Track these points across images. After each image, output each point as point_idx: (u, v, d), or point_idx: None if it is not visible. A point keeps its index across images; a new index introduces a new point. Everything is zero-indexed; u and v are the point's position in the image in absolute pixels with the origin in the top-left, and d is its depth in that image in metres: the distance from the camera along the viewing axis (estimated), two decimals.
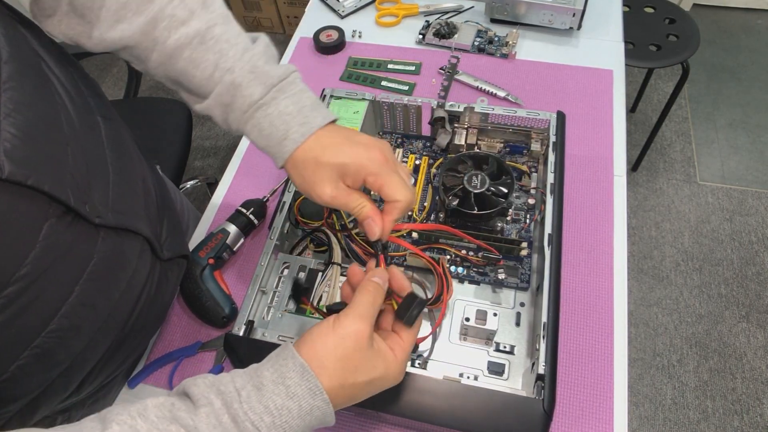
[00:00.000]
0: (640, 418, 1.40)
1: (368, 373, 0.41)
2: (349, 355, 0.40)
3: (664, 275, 1.63)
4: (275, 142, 0.47)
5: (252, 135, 0.48)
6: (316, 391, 0.38)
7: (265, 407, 0.36)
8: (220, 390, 0.36)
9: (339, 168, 0.46)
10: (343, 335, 0.41)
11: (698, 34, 1.51)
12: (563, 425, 0.57)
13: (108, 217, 0.46)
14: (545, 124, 0.69)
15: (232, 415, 0.35)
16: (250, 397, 0.36)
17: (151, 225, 0.55)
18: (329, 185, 0.46)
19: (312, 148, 0.46)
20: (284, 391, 0.37)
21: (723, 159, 1.88)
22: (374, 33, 0.99)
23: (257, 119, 0.47)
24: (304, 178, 0.47)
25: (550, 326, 0.54)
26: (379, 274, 0.46)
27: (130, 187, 0.53)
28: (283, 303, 0.62)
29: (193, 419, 0.34)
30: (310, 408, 0.38)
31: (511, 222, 0.67)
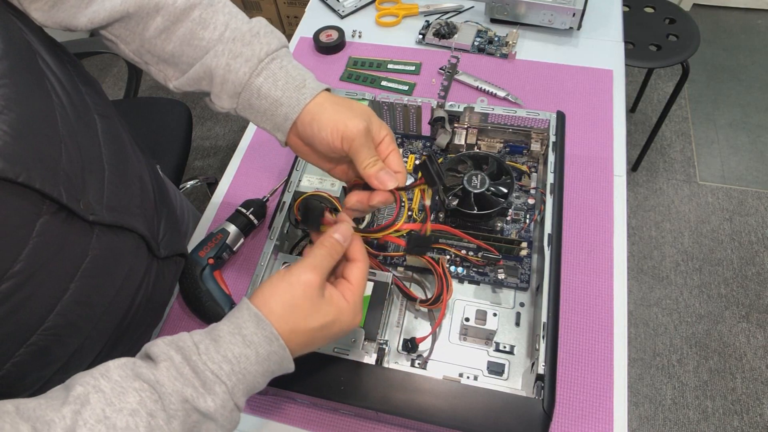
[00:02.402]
0: (640, 418, 1.40)
1: (319, 319, 0.42)
2: (298, 302, 0.41)
3: (664, 275, 1.63)
4: (291, 89, 0.46)
5: (264, 87, 0.46)
6: (272, 338, 0.39)
7: (223, 356, 0.38)
8: (179, 346, 0.38)
9: (367, 116, 0.46)
10: (292, 282, 0.41)
11: (698, 34, 1.51)
12: (563, 425, 0.57)
13: (103, 215, 0.46)
14: (545, 124, 0.69)
15: (192, 367, 0.36)
16: (208, 349, 0.38)
17: (147, 223, 0.55)
18: (364, 121, 0.45)
19: (329, 98, 0.47)
20: (241, 341, 0.39)
21: (723, 159, 1.88)
22: (374, 33, 0.99)
23: (272, 69, 0.47)
24: (338, 110, 0.45)
25: (549, 326, 0.54)
26: (342, 231, 0.46)
27: (126, 185, 0.52)
28: None
29: (155, 374, 0.36)
30: (267, 354, 0.39)
31: (511, 222, 0.67)
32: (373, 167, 0.46)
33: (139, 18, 0.47)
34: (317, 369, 0.53)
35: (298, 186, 0.65)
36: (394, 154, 0.48)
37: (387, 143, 0.47)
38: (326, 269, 0.44)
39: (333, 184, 0.64)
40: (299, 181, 0.65)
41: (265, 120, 0.48)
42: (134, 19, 0.47)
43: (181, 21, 0.47)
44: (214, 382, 0.37)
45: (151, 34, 0.48)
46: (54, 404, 0.33)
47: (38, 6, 0.46)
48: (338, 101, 0.47)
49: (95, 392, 0.34)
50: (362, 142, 0.45)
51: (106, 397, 0.33)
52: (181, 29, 0.48)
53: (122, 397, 0.34)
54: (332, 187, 0.64)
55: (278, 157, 0.83)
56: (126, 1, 0.46)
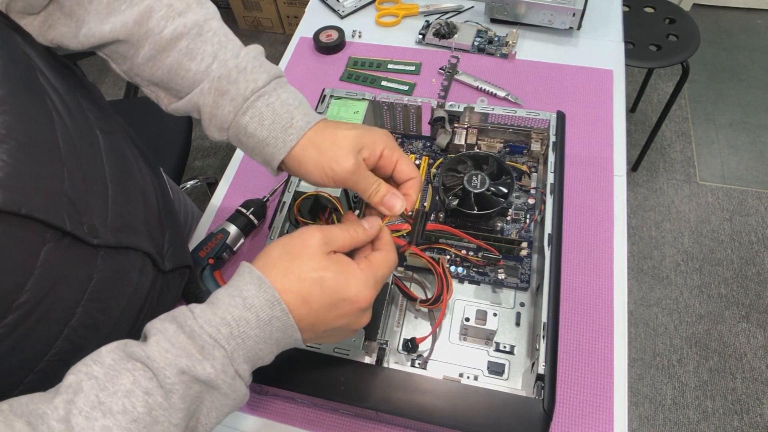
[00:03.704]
0: (640, 418, 1.40)
1: (317, 271, 0.38)
2: (297, 251, 0.39)
3: (664, 275, 1.63)
4: (278, 130, 0.45)
5: (250, 126, 0.46)
6: (274, 302, 0.37)
7: (221, 319, 0.36)
8: (173, 315, 0.36)
9: (358, 139, 0.45)
10: (295, 235, 0.40)
11: (698, 34, 1.51)
12: (563, 425, 0.57)
13: (107, 237, 0.45)
14: (545, 124, 0.69)
15: (188, 333, 0.35)
16: (204, 312, 0.36)
17: (152, 239, 0.54)
18: (351, 156, 0.44)
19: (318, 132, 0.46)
20: (241, 303, 0.37)
21: (723, 159, 1.88)
22: (374, 33, 0.99)
23: (258, 108, 0.46)
24: (322, 153, 0.44)
25: (550, 326, 0.54)
26: (372, 221, 0.44)
27: (130, 202, 0.51)
28: None
29: (145, 350, 0.34)
30: (268, 318, 0.37)
31: (511, 222, 0.67)
32: (377, 195, 0.45)
33: (129, 44, 0.47)
34: (317, 369, 0.53)
35: (298, 186, 0.65)
36: (401, 160, 0.46)
37: (388, 155, 0.46)
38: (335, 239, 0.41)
39: None
40: (299, 181, 0.65)
41: (255, 155, 0.48)
42: (124, 45, 0.47)
43: (168, 51, 0.47)
44: (213, 346, 0.35)
45: (140, 60, 0.48)
46: (47, 396, 0.32)
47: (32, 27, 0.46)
48: (323, 140, 0.45)
49: (88, 379, 0.33)
50: (355, 178, 0.44)
51: (99, 382, 0.33)
52: (169, 59, 0.47)
53: (115, 380, 0.33)
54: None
55: None
56: (116, 29, 0.46)
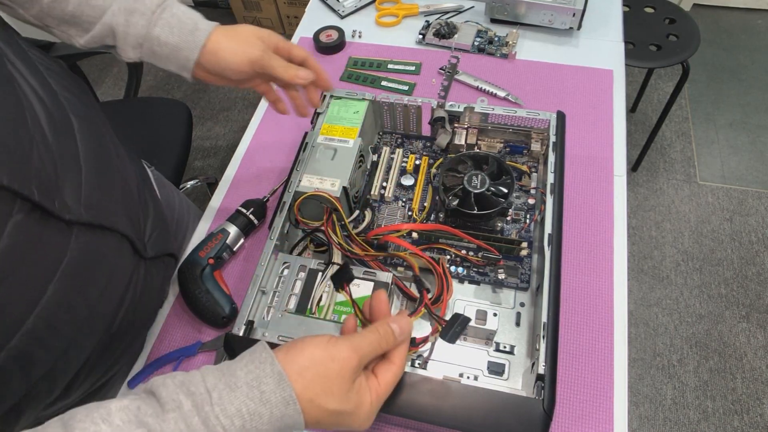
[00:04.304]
0: (640, 418, 1.40)
1: (340, 403, 0.40)
2: (331, 377, 0.40)
3: (664, 275, 1.63)
4: (186, 33, 0.53)
5: (162, 35, 0.53)
6: (290, 401, 0.37)
7: (237, 410, 0.36)
8: (190, 390, 0.36)
9: (254, 35, 0.55)
10: (333, 356, 0.40)
11: (698, 34, 1.51)
12: (563, 425, 0.57)
13: (80, 213, 0.45)
14: (545, 124, 0.69)
15: (203, 418, 0.35)
16: (222, 398, 0.36)
17: (131, 223, 0.54)
18: (258, 42, 0.55)
19: (220, 32, 0.55)
20: (258, 396, 0.37)
21: (723, 159, 1.88)
22: (374, 33, 0.99)
23: (165, 18, 0.53)
24: (235, 42, 0.54)
25: (550, 326, 0.54)
26: (402, 324, 0.46)
27: (107, 185, 0.51)
28: (283, 303, 0.62)
29: (161, 425, 0.34)
30: (281, 416, 0.37)
31: (511, 222, 0.67)
32: (291, 69, 0.56)
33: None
34: None
35: (298, 186, 0.65)
36: (293, 47, 0.58)
37: (282, 45, 0.57)
38: (368, 357, 0.43)
39: (333, 184, 0.64)
40: (299, 181, 0.65)
41: (169, 63, 0.55)
42: None
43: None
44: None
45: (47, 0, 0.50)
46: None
47: None
48: (229, 35, 0.55)
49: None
50: (268, 57, 0.55)
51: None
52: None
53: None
54: (332, 187, 0.64)
55: (278, 157, 0.83)
56: None
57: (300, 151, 0.69)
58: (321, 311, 0.60)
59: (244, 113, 2.15)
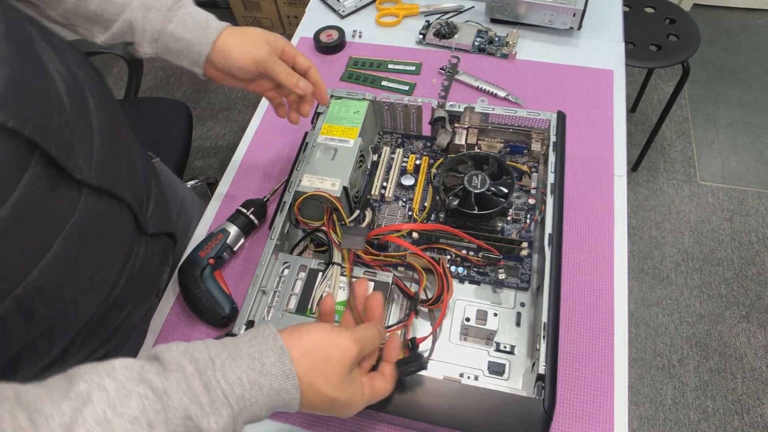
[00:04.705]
0: (640, 418, 1.40)
1: (336, 390, 0.41)
2: (332, 363, 0.41)
3: (665, 275, 1.63)
4: (199, 30, 0.56)
5: (176, 31, 0.56)
6: (289, 375, 0.39)
7: (238, 378, 0.37)
8: (194, 356, 0.37)
9: (262, 38, 0.57)
10: (337, 343, 0.42)
11: (698, 34, 1.51)
12: (563, 425, 0.57)
13: (91, 177, 0.47)
14: (545, 124, 0.69)
15: (204, 382, 0.36)
16: (224, 366, 0.37)
17: (135, 196, 0.56)
18: (264, 45, 0.57)
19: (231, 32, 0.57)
20: (259, 368, 0.38)
21: (723, 159, 1.88)
22: (374, 33, 0.99)
23: (180, 15, 0.56)
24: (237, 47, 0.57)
25: (550, 326, 0.54)
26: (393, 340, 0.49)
27: (116, 160, 0.53)
28: (284, 303, 0.62)
29: (163, 383, 0.35)
30: (279, 389, 0.38)
31: (512, 222, 0.67)
32: (293, 77, 0.58)
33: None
34: None
35: (298, 186, 0.65)
36: (299, 55, 0.60)
37: (288, 50, 0.59)
38: (366, 351, 0.44)
39: (333, 184, 0.64)
40: (299, 181, 0.65)
41: (183, 59, 0.58)
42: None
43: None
44: (223, 403, 0.36)
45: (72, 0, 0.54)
46: (54, 397, 0.32)
47: None
48: (238, 35, 0.57)
49: (98, 390, 0.33)
50: (272, 61, 0.57)
51: (109, 397, 0.33)
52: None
53: (125, 401, 0.33)
54: (332, 187, 0.64)
55: (278, 157, 0.83)
56: None
57: (300, 151, 0.69)
58: None
59: (244, 113, 2.15)
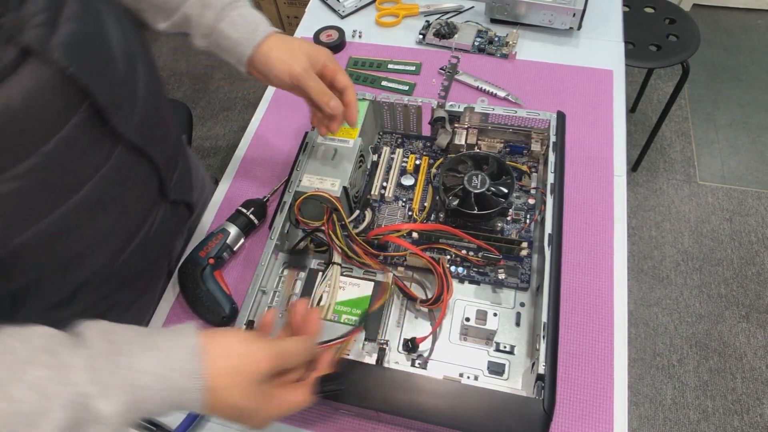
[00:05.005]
0: (640, 418, 1.40)
1: (242, 400, 0.40)
2: (242, 373, 0.40)
3: (664, 275, 1.63)
4: (248, 32, 0.58)
5: (226, 30, 0.58)
6: (195, 376, 0.38)
7: (144, 368, 0.37)
8: (110, 339, 0.38)
9: (305, 52, 0.58)
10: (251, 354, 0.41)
11: (698, 34, 1.51)
12: (563, 425, 0.57)
13: (129, 133, 0.52)
14: (545, 124, 0.69)
15: (110, 365, 0.36)
16: (135, 353, 0.38)
17: (164, 162, 0.61)
18: (302, 61, 0.57)
19: (277, 39, 0.58)
20: (168, 363, 0.38)
21: (723, 159, 1.88)
22: (374, 33, 0.99)
23: (232, 16, 0.58)
24: (279, 55, 0.57)
25: (550, 326, 0.54)
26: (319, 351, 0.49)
27: (153, 124, 0.58)
28: (284, 303, 0.62)
29: (71, 357, 0.36)
30: (182, 388, 0.38)
31: (511, 222, 0.67)
32: (324, 96, 0.57)
33: None
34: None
35: (298, 186, 0.65)
36: (339, 73, 0.59)
37: (330, 66, 0.59)
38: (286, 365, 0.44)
39: (333, 184, 0.64)
40: (299, 181, 0.65)
41: (229, 56, 0.60)
42: None
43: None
44: (121, 389, 0.36)
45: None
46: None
47: None
48: (282, 44, 0.58)
49: (8, 353, 0.34)
50: (308, 76, 0.56)
51: (15, 360, 0.34)
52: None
53: (29, 368, 0.34)
54: (332, 187, 0.64)
55: (278, 157, 0.83)
56: None
57: (300, 151, 0.69)
58: (321, 311, 0.60)
59: (244, 113, 2.15)
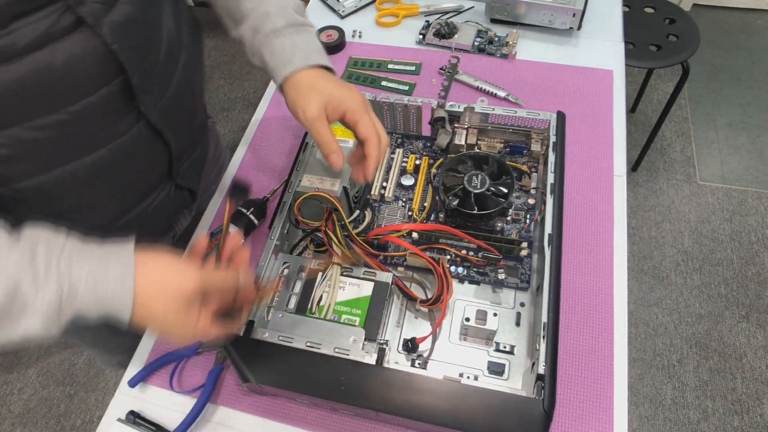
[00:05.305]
0: (640, 418, 1.40)
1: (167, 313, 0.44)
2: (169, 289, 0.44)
3: (664, 275, 1.63)
4: (280, 64, 0.58)
5: (266, 56, 0.60)
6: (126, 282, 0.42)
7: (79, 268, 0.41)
8: (50, 240, 0.42)
9: (326, 96, 0.56)
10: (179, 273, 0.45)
11: (698, 34, 1.51)
12: (563, 425, 0.57)
13: (152, 114, 0.56)
14: (545, 124, 0.69)
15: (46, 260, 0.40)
16: (72, 255, 0.42)
17: (179, 147, 0.64)
18: (315, 105, 0.55)
19: (308, 76, 0.58)
20: (103, 268, 0.42)
21: (723, 159, 1.88)
22: (374, 33, 0.99)
23: (273, 44, 0.59)
24: (297, 94, 0.57)
25: (550, 326, 0.54)
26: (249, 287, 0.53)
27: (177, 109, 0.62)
28: (283, 303, 0.62)
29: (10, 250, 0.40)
30: (113, 292, 0.42)
31: (511, 222, 0.67)
32: (327, 148, 0.55)
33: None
34: (317, 369, 0.54)
35: (298, 186, 0.65)
36: (362, 122, 0.56)
37: (350, 115, 0.56)
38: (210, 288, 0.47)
39: (333, 184, 0.64)
40: (299, 181, 0.65)
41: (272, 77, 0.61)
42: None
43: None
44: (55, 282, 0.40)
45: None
46: None
47: None
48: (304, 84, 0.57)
49: None
50: (316, 127, 0.55)
51: None
52: None
53: None
54: (332, 187, 0.64)
55: (278, 157, 0.83)
56: None
57: (300, 151, 0.69)
58: (321, 311, 0.60)
59: (244, 113, 2.15)
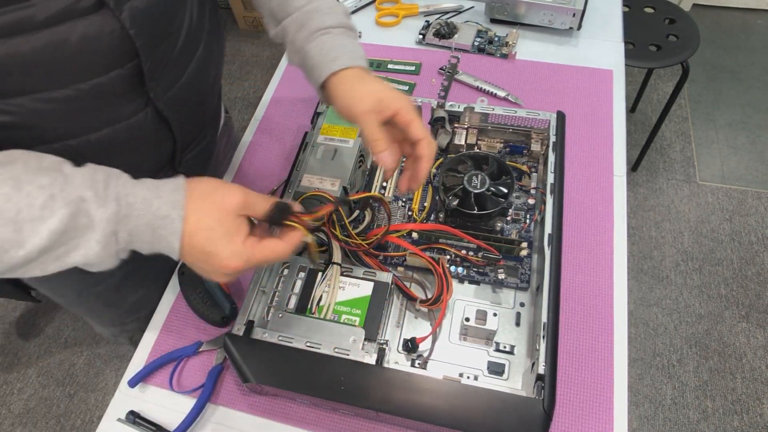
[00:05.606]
0: (640, 418, 1.40)
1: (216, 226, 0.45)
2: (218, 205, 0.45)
3: (664, 275, 1.63)
4: (328, 59, 0.56)
5: (311, 51, 0.58)
6: (177, 205, 0.44)
7: (133, 191, 0.44)
8: (107, 170, 0.44)
9: (379, 92, 0.53)
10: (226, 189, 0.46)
11: (698, 34, 1.51)
12: (563, 425, 0.57)
13: (159, 102, 0.56)
14: (545, 124, 0.69)
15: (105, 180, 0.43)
16: (127, 181, 0.44)
17: (186, 137, 0.65)
18: (370, 99, 0.53)
19: (358, 73, 0.56)
20: (155, 191, 0.44)
21: (723, 159, 1.88)
22: (374, 33, 0.99)
23: (320, 40, 0.58)
24: (351, 86, 0.55)
25: (550, 326, 0.54)
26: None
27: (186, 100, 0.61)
28: (283, 303, 0.62)
29: (73, 171, 0.43)
30: (165, 215, 0.44)
31: (511, 222, 0.67)
32: (377, 147, 0.53)
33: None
34: (317, 369, 0.54)
35: (298, 186, 0.65)
36: (414, 123, 0.53)
37: (403, 114, 0.53)
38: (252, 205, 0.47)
39: (333, 184, 0.64)
40: (299, 181, 0.65)
41: (310, 77, 0.59)
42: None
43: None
44: (113, 200, 0.42)
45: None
46: None
47: None
48: (354, 81, 0.55)
49: (21, 162, 0.41)
50: (364, 121, 0.53)
51: (27, 167, 0.41)
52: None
53: (38, 174, 0.41)
54: (332, 187, 0.64)
55: (278, 157, 0.83)
56: None
57: (300, 151, 0.69)
58: (321, 311, 0.60)
59: (244, 113, 2.15)
